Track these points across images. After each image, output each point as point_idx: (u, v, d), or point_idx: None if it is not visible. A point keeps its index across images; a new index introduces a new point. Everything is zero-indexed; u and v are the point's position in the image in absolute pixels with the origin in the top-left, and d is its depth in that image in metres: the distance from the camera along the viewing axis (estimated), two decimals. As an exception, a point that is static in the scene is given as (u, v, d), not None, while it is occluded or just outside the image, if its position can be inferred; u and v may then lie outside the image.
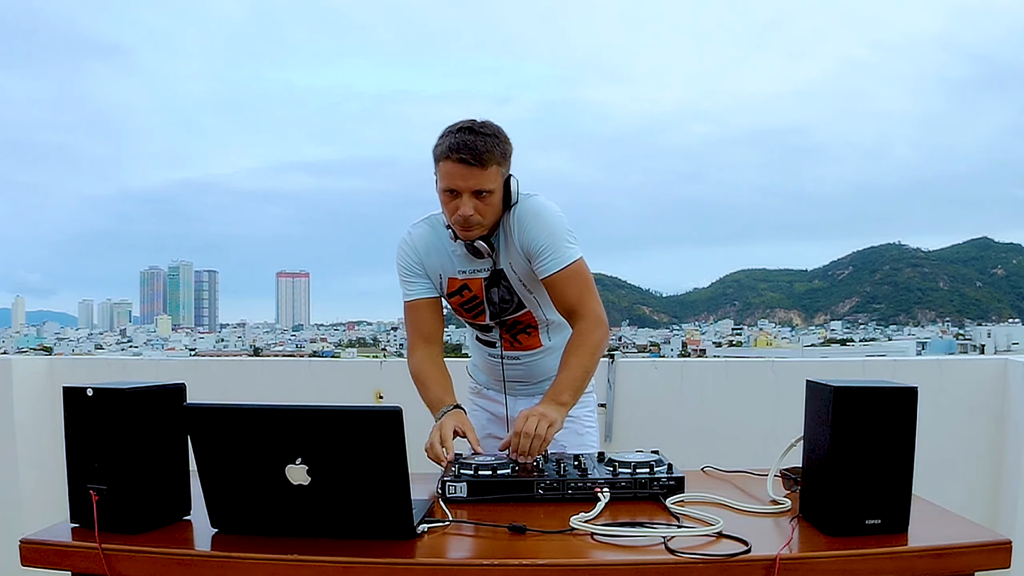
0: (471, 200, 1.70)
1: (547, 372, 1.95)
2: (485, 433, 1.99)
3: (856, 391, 1.25)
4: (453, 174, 1.69)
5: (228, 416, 1.26)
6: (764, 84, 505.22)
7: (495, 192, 1.73)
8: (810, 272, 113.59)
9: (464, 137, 1.68)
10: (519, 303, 1.88)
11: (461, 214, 1.70)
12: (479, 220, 1.73)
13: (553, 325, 1.94)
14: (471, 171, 1.68)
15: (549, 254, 1.78)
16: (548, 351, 1.96)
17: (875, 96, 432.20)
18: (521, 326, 1.93)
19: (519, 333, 1.94)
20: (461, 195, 1.70)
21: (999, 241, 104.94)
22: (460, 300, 1.90)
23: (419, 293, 1.89)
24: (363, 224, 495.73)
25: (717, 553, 1.18)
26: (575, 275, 1.80)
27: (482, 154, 1.67)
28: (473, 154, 1.67)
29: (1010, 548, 1.21)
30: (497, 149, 1.71)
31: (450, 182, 1.70)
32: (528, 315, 1.91)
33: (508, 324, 1.92)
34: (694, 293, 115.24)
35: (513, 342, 1.95)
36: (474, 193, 1.70)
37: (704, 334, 73.39)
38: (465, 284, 1.88)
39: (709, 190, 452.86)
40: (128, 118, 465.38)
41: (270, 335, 79.27)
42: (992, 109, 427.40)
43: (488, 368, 2.05)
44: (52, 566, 1.27)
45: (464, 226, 1.73)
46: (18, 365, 3.07)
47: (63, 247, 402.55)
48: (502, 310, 1.89)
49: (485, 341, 1.99)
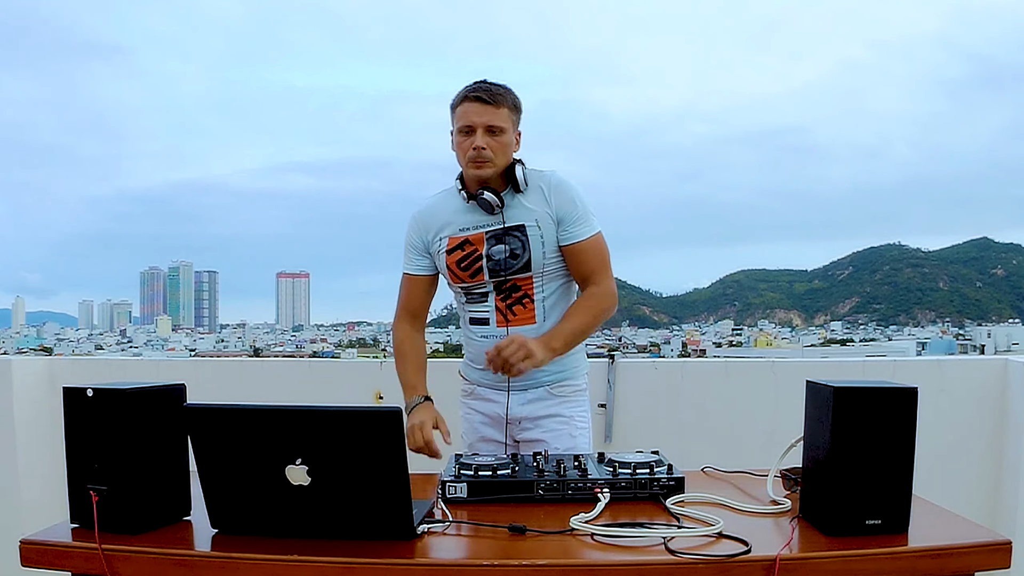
0: (484, 136, 1.84)
1: None
2: (479, 436, 1.99)
3: (856, 391, 1.25)
4: (469, 112, 1.85)
5: (228, 416, 1.26)
6: (763, 84, 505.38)
7: (507, 132, 1.87)
8: (810, 272, 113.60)
9: (480, 83, 1.89)
10: (527, 263, 1.89)
11: (474, 147, 1.83)
12: (490, 156, 1.85)
13: (549, 302, 1.93)
14: (485, 108, 1.84)
15: (582, 222, 1.90)
16: (540, 329, 1.92)
17: (874, 96, 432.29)
18: (519, 294, 1.93)
19: (515, 304, 1.93)
20: (475, 132, 1.84)
21: (999, 241, 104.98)
22: (459, 256, 1.93)
23: (418, 269, 2.02)
24: (363, 224, 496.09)
25: (717, 553, 1.18)
26: (599, 246, 1.93)
27: (496, 95, 1.86)
28: (487, 93, 1.85)
29: (1010, 548, 1.21)
30: (509, 96, 1.89)
31: (465, 119, 1.86)
32: (529, 281, 1.92)
33: (506, 288, 1.92)
34: (694, 293, 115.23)
35: (508, 314, 1.93)
36: (487, 130, 1.84)
37: (704, 334, 73.37)
38: (467, 239, 1.92)
39: (708, 190, 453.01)
40: (128, 118, 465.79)
41: (270, 335, 79.26)
42: (991, 109, 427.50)
43: (480, 353, 1.96)
44: (52, 566, 1.27)
45: (477, 160, 1.85)
46: (18, 365, 3.07)
47: (63, 247, 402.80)
48: (507, 266, 1.90)
49: (477, 318, 1.97)
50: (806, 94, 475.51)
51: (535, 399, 1.95)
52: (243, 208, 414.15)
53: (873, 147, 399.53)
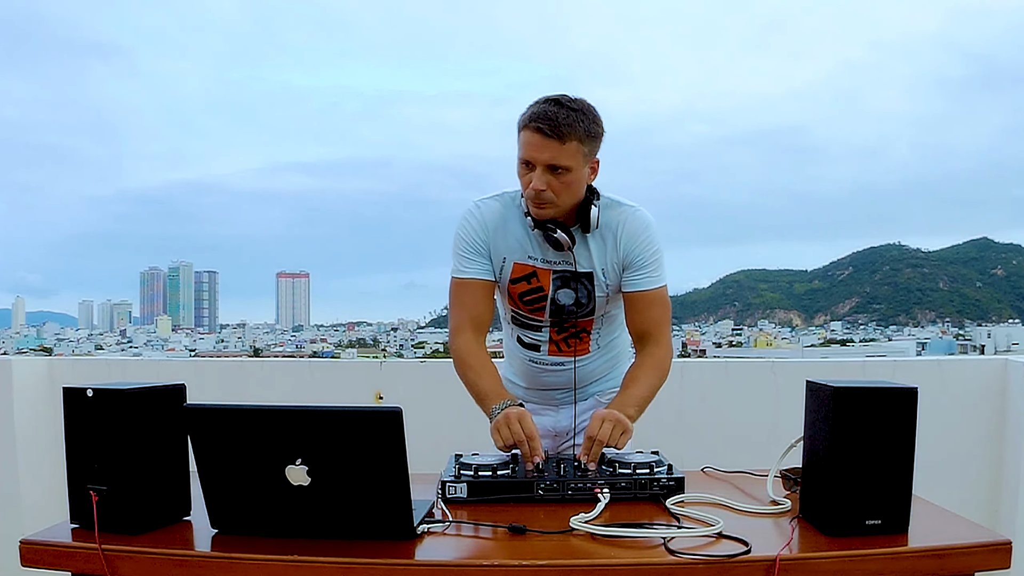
0: (545, 174, 1.62)
1: (588, 378, 1.89)
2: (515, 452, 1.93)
3: (856, 392, 1.25)
4: (530, 144, 1.62)
5: (228, 417, 1.26)
6: (762, 84, 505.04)
7: (573, 171, 1.63)
8: (810, 272, 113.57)
9: (548, 107, 1.61)
10: (591, 311, 1.79)
11: (533, 188, 1.62)
12: (551, 197, 1.64)
13: (604, 332, 1.87)
14: (548, 143, 1.60)
15: (651, 271, 1.75)
16: (592, 357, 1.89)
17: (874, 96, 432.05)
18: (576, 330, 1.82)
19: (571, 337, 1.83)
20: (536, 168, 1.63)
21: (999, 241, 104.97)
22: (524, 288, 1.77)
23: (476, 273, 1.76)
24: (363, 224, 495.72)
25: (717, 554, 1.18)
26: (662, 299, 1.78)
27: (561, 126, 1.59)
28: (552, 125, 1.59)
29: (1010, 548, 1.21)
30: (581, 125, 1.62)
31: (526, 152, 1.63)
32: (590, 322, 1.82)
33: (566, 326, 1.81)
34: (694, 293, 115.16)
35: (562, 346, 1.84)
36: (549, 168, 1.62)
37: (704, 334, 73.34)
38: (534, 272, 1.76)
39: (708, 190, 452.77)
40: (128, 119, 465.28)
41: (270, 336, 79.22)
42: (991, 109, 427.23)
43: (527, 375, 1.92)
44: (52, 567, 1.27)
45: (536, 201, 1.65)
46: (18, 366, 3.07)
47: (63, 247, 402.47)
48: (569, 312, 1.77)
49: (528, 344, 1.87)
50: (806, 94, 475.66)
51: (585, 410, 1.89)
52: (243, 208, 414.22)
53: (873, 147, 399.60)
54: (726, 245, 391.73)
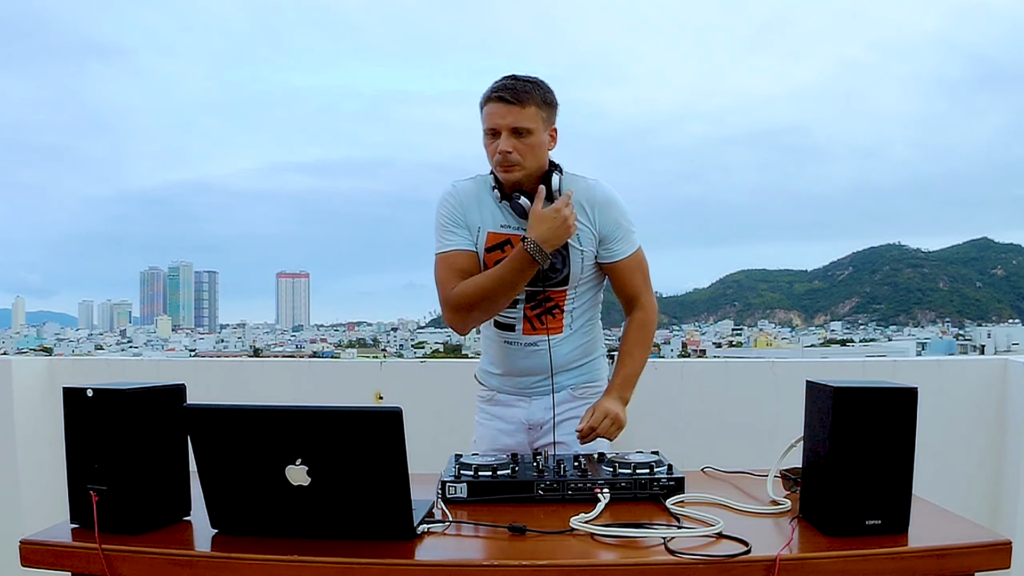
0: (510, 138, 1.74)
1: (562, 363, 1.90)
2: (497, 445, 1.92)
3: (856, 392, 1.25)
4: (493, 113, 1.76)
5: (228, 417, 1.26)
6: (762, 84, 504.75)
7: (534, 133, 1.76)
8: (810, 272, 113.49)
9: (505, 80, 1.78)
10: (565, 277, 1.84)
11: (500, 150, 1.74)
12: (517, 159, 1.75)
13: (577, 311, 1.90)
14: (509, 108, 1.74)
15: (625, 240, 1.86)
16: (566, 338, 1.91)
17: (874, 96, 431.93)
18: (550, 304, 1.88)
19: (545, 313, 1.88)
20: (500, 134, 1.75)
21: (999, 241, 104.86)
22: (499, 257, 1.82)
23: (458, 244, 1.84)
24: (362, 224, 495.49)
25: (717, 554, 1.18)
26: (641, 262, 1.91)
27: (520, 93, 1.74)
28: (511, 92, 1.74)
29: (1010, 548, 1.21)
30: (537, 92, 1.77)
31: (491, 121, 1.76)
32: (563, 294, 1.87)
33: (538, 299, 1.86)
34: (694, 293, 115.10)
35: (536, 323, 1.88)
36: (513, 131, 1.74)
37: (704, 334, 73.30)
38: (508, 240, 1.83)
39: (708, 190, 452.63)
40: (127, 119, 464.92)
41: (270, 335, 79.16)
42: (991, 109, 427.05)
43: (503, 358, 1.95)
44: (52, 567, 1.27)
45: (503, 164, 1.76)
46: (18, 366, 3.07)
47: (63, 247, 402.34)
48: (545, 278, 1.82)
49: (503, 324, 1.91)
50: (806, 94, 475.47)
51: (559, 402, 1.91)
52: (243, 208, 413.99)
53: (873, 147, 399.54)
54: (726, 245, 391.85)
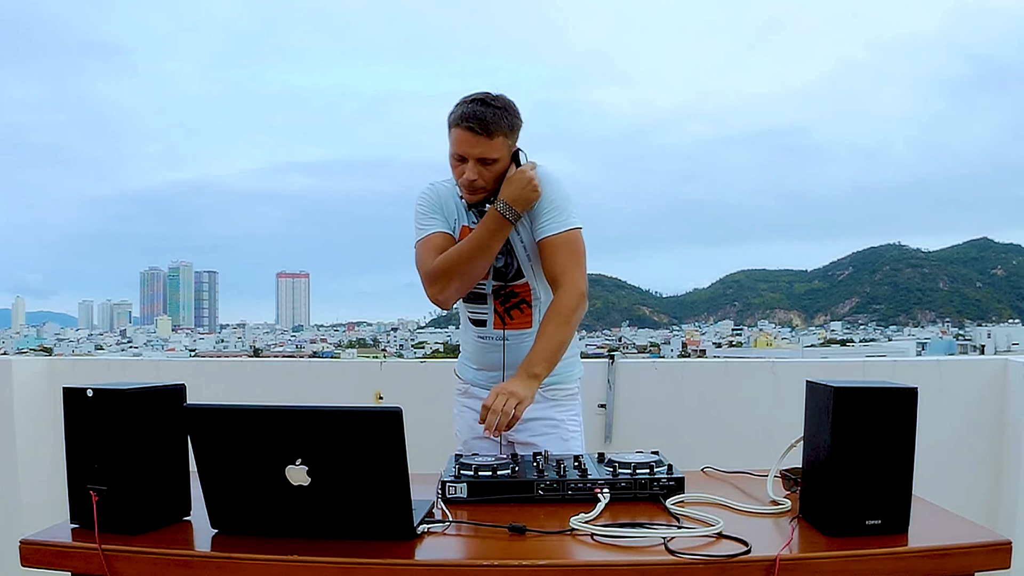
0: (476, 167, 1.80)
1: None
2: (473, 434, 1.97)
3: (856, 392, 1.25)
4: (462, 141, 1.79)
5: (228, 417, 1.26)
6: (762, 84, 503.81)
7: (500, 161, 1.82)
8: (810, 272, 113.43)
9: (475, 108, 1.79)
10: (518, 270, 1.91)
11: (466, 178, 1.80)
12: (482, 185, 1.82)
13: (544, 306, 1.92)
14: (478, 140, 1.78)
15: (550, 216, 1.85)
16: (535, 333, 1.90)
17: (873, 96, 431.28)
18: (516, 299, 1.94)
19: (513, 308, 1.94)
20: (467, 162, 1.80)
21: (999, 241, 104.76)
22: None
23: (437, 227, 1.91)
24: (362, 224, 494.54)
25: (717, 554, 1.18)
26: (568, 243, 1.85)
27: (490, 124, 1.78)
28: (481, 124, 1.77)
29: (1010, 548, 1.21)
30: (505, 121, 1.81)
31: (459, 148, 1.81)
32: (525, 287, 1.93)
33: (504, 294, 1.93)
34: (694, 294, 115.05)
35: (505, 317, 1.94)
36: (479, 160, 1.80)
37: (704, 334, 73.26)
38: None
39: (708, 190, 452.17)
40: (127, 119, 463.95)
41: (270, 336, 79.10)
42: (991, 109, 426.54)
43: (477, 353, 2.01)
44: (52, 567, 1.27)
45: (469, 189, 1.83)
46: (18, 366, 3.07)
47: (63, 247, 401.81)
48: (503, 273, 1.91)
49: (476, 319, 1.98)
50: (805, 94, 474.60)
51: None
52: (243, 208, 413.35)
53: (872, 147, 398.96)
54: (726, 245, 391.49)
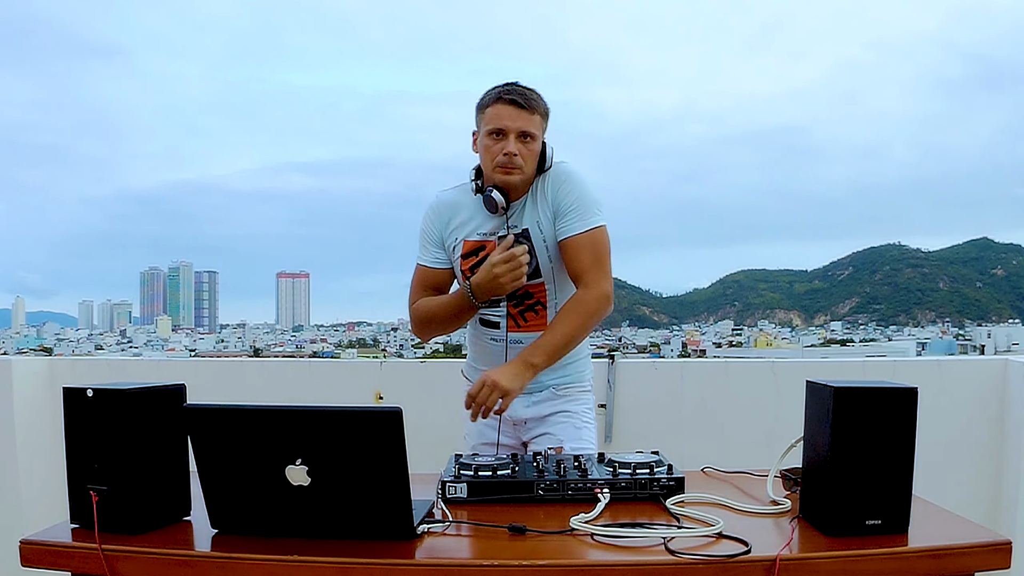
0: (516, 142, 1.77)
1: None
2: (481, 441, 1.94)
3: (856, 392, 1.25)
4: (503, 115, 1.78)
5: (228, 417, 1.26)
6: (762, 84, 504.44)
7: (537, 140, 1.81)
8: (810, 272, 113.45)
9: (514, 86, 1.82)
10: (536, 269, 1.84)
11: (507, 152, 1.76)
12: (521, 163, 1.78)
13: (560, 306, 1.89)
14: (520, 112, 1.77)
15: (576, 215, 1.82)
16: None
17: (874, 96, 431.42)
18: (531, 301, 1.89)
19: (527, 310, 1.90)
20: (507, 136, 1.77)
21: (999, 241, 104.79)
22: (474, 262, 1.86)
23: (435, 262, 1.93)
24: (362, 224, 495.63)
25: (717, 554, 1.18)
26: (593, 242, 1.82)
27: (530, 99, 1.79)
28: (524, 98, 1.78)
29: (1010, 548, 1.21)
30: (542, 102, 1.82)
31: (499, 122, 1.78)
32: (541, 288, 1.88)
33: (519, 296, 1.88)
34: (694, 294, 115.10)
35: (519, 320, 1.90)
36: (520, 135, 1.77)
37: (704, 334, 73.25)
38: (483, 246, 1.87)
39: (708, 190, 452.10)
40: (127, 119, 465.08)
41: (270, 336, 79.08)
42: (991, 109, 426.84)
43: (486, 355, 1.97)
44: (52, 566, 1.27)
45: (507, 166, 1.78)
46: (18, 366, 3.07)
47: (63, 247, 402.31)
48: None
49: (488, 321, 1.93)
50: (805, 94, 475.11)
51: (541, 400, 1.94)
52: (243, 208, 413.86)
53: (872, 147, 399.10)
54: (726, 245, 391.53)
